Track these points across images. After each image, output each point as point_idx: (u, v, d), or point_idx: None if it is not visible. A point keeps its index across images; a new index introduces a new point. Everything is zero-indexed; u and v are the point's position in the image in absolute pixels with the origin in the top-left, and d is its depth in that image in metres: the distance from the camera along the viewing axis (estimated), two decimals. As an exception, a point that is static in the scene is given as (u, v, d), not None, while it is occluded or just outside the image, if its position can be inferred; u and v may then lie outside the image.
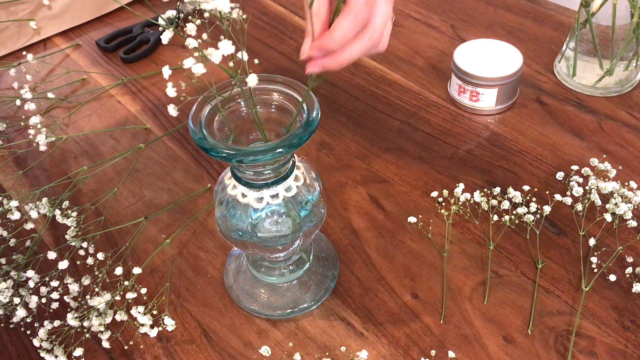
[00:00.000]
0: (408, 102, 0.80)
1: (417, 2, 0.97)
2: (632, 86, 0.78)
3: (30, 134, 0.77)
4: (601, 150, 0.71)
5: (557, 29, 0.89)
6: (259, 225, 0.51)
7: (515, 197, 0.65)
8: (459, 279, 0.60)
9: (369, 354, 0.54)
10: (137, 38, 0.93)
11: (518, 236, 0.63)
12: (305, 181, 0.51)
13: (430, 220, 0.65)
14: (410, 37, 0.90)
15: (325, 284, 0.60)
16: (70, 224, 0.67)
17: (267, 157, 0.43)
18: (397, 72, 0.84)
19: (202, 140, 0.44)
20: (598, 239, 0.61)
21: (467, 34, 0.90)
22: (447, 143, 0.74)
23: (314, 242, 0.62)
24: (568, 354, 0.53)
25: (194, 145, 0.76)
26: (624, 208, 0.61)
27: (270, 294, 0.59)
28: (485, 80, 0.73)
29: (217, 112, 0.46)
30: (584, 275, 0.59)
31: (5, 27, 0.92)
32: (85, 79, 0.89)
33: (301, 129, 0.45)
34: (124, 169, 0.74)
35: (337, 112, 0.79)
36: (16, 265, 0.64)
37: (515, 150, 0.72)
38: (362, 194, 0.68)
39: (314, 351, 0.55)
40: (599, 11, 0.72)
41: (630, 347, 0.54)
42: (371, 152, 0.73)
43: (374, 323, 0.57)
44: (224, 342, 0.57)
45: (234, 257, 0.63)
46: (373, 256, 0.62)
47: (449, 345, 0.55)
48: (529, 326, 0.56)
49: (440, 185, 0.68)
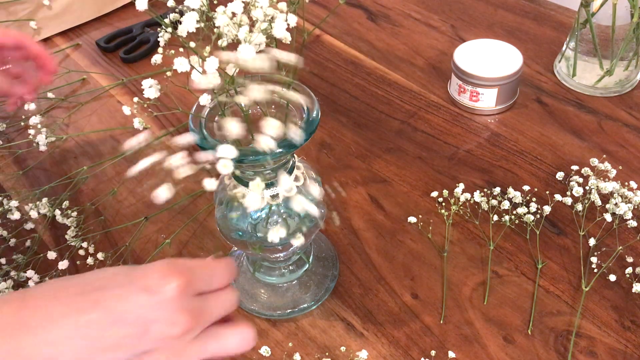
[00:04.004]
0: (408, 102, 0.80)
1: (417, 2, 0.97)
2: (632, 86, 0.78)
3: (30, 134, 0.77)
4: (601, 150, 0.71)
5: (557, 29, 0.89)
6: (259, 225, 0.51)
7: (515, 197, 0.65)
8: (459, 279, 0.60)
9: (369, 354, 0.54)
10: (137, 38, 0.93)
11: (518, 236, 0.63)
12: (306, 181, 0.51)
13: (430, 220, 0.65)
14: (410, 37, 0.90)
15: (325, 284, 0.60)
16: (70, 224, 0.67)
17: (267, 157, 0.43)
18: (397, 72, 0.84)
19: (202, 140, 0.44)
20: (598, 239, 0.61)
21: (467, 34, 0.90)
22: (447, 143, 0.74)
23: (314, 242, 0.62)
24: (568, 354, 0.53)
25: (193, 146, 0.76)
26: (624, 208, 0.61)
27: (270, 294, 0.59)
28: (485, 80, 0.73)
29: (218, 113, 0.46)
30: (584, 275, 0.59)
31: (6, 27, 0.92)
32: (85, 79, 0.89)
33: (301, 129, 0.45)
34: (124, 169, 0.74)
35: (337, 112, 0.79)
36: (16, 265, 0.64)
37: (515, 151, 0.72)
38: (362, 194, 0.68)
39: (314, 351, 0.55)
40: (599, 11, 0.72)
41: (630, 347, 0.54)
42: (371, 152, 0.73)
43: (374, 323, 0.57)
44: (224, 342, 0.57)
45: (234, 257, 0.63)
46: (373, 256, 0.62)
47: (449, 345, 0.55)
48: (529, 326, 0.56)
49: (440, 185, 0.68)
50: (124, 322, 0.35)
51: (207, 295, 0.38)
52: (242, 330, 0.39)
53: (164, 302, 0.36)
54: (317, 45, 0.90)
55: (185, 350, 0.37)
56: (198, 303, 0.37)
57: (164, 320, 0.36)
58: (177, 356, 0.37)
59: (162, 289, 0.36)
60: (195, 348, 0.38)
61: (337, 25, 0.94)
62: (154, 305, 0.36)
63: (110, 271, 0.37)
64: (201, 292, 0.38)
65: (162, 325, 0.36)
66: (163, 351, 0.36)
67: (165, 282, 0.36)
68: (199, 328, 0.37)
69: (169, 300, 0.36)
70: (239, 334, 0.39)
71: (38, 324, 0.34)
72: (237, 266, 0.62)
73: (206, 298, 0.38)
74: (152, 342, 0.36)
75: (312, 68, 0.86)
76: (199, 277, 0.38)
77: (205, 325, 0.38)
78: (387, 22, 0.94)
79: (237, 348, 0.39)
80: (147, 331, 0.35)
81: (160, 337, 0.36)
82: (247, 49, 0.39)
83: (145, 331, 0.35)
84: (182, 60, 0.40)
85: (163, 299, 0.36)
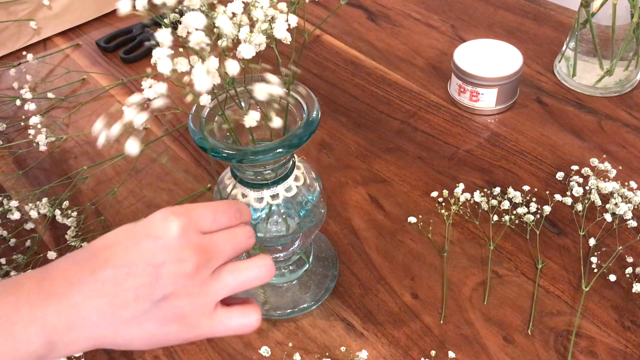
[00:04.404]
0: (408, 102, 0.80)
1: (417, 2, 0.97)
2: (632, 86, 0.78)
3: (30, 134, 0.77)
4: (601, 150, 0.71)
5: (557, 29, 0.89)
6: (259, 226, 0.51)
7: (515, 197, 0.65)
8: (459, 279, 0.60)
9: (369, 354, 0.54)
10: (137, 38, 0.93)
11: (518, 236, 0.63)
12: (305, 181, 0.51)
13: (430, 220, 0.65)
14: (410, 37, 0.90)
15: (325, 284, 0.60)
16: (70, 224, 0.67)
17: (267, 157, 0.43)
18: (397, 72, 0.84)
19: (202, 140, 0.44)
20: (598, 239, 0.61)
21: (467, 34, 0.90)
22: (447, 143, 0.74)
23: (314, 242, 0.62)
24: (568, 354, 0.53)
25: (194, 145, 0.76)
26: (624, 208, 0.61)
27: (270, 294, 0.59)
28: (485, 80, 0.73)
29: (218, 113, 0.46)
30: (584, 275, 0.59)
31: (5, 27, 0.92)
32: (85, 79, 0.89)
33: (301, 129, 0.45)
34: (124, 169, 0.74)
35: (337, 112, 0.79)
36: (16, 265, 0.64)
37: (515, 150, 0.72)
38: (362, 194, 0.68)
39: (314, 351, 0.55)
40: (599, 11, 0.72)
41: (630, 347, 0.54)
42: (371, 152, 0.73)
43: (374, 323, 0.57)
44: (224, 342, 0.57)
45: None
46: (373, 256, 0.62)
47: (449, 346, 0.55)
48: (529, 326, 0.56)
49: (440, 185, 0.68)
50: (134, 273, 0.35)
51: (215, 233, 0.39)
52: (260, 262, 0.40)
53: (168, 243, 0.36)
54: (317, 45, 0.90)
55: (204, 289, 0.37)
56: (205, 239, 0.38)
57: (172, 261, 0.36)
58: (197, 296, 0.37)
59: (165, 231, 0.36)
60: (215, 285, 0.38)
61: (337, 25, 0.94)
62: (160, 249, 0.36)
63: (117, 230, 0.38)
64: (207, 230, 0.38)
65: (172, 266, 0.36)
66: (182, 294, 0.36)
67: (165, 224, 0.37)
68: (211, 264, 0.37)
69: (173, 240, 0.36)
70: (257, 265, 0.39)
71: (59, 291, 0.35)
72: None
73: (214, 235, 0.38)
74: (167, 285, 0.36)
75: (312, 68, 0.86)
76: (201, 215, 0.38)
77: (218, 261, 0.38)
78: (387, 22, 0.94)
79: (258, 279, 0.39)
80: (159, 276, 0.36)
81: (174, 279, 0.36)
82: (247, 48, 0.39)
83: (157, 276, 0.36)
84: (182, 60, 0.40)
85: (167, 241, 0.36)
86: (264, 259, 0.40)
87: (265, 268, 0.40)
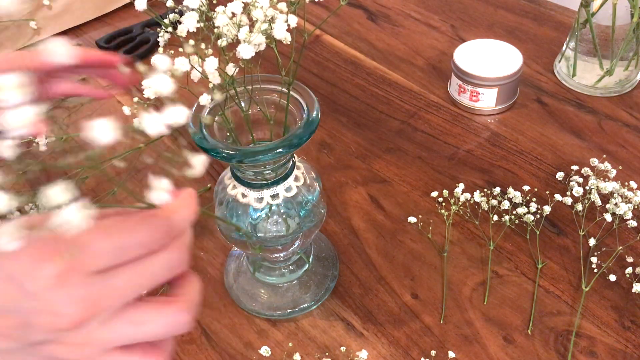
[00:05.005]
0: (408, 102, 0.80)
1: (417, 2, 0.97)
2: (632, 86, 0.78)
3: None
4: (601, 150, 0.71)
5: (557, 29, 0.89)
6: (259, 226, 0.51)
7: (515, 197, 0.65)
8: (459, 279, 0.60)
9: (369, 354, 0.54)
10: (137, 38, 0.93)
11: (518, 236, 0.63)
12: (305, 181, 0.51)
13: (430, 220, 0.65)
14: (410, 37, 0.90)
15: (325, 284, 0.60)
16: (70, 224, 0.67)
17: (267, 157, 0.43)
18: (397, 72, 0.84)
19: (202, 140, 0.44)
20: (598, 239, 0.61)
21: (467, 34, 0.90)
22: (447, 143, 0.74)
23: (314, 242, 0.62)
24: (568, 354, 0.53)
25: (194, 146, 0.76)
26: (624, 208, 0.61)
27: (270, 294, 0.59)
28: (485, 80, 0.73)
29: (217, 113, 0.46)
30: (584, 275, 0.59)
31: (5, 27, 0.92)
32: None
33: (301, 129, 0.45)
34: (124, 169, 0.74)
35: (337, 112, 0.79)
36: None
37: (515, 150, 0.72)
38: (362, 194, 0.68)
39: (314, 351, 0.55)
40: (599, 11, 0.72)
41: (630, 347, 0.54)
42: (371, 152, 0.73)
43: (374, 323, 0.57)
44: (224, 343, 0.57)
45: (234, 257, 0.63)
46: (373, 256, 0.62)
47: (449, 345, 0.55)
48: (529, 326, 0.56)
49: (440, 185, 0.68)
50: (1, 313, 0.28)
51: (116, 270, 0.29)
52: (173, 311, 0.31)
53: (37, 293, 0.28)
54: (317, 45, 0.90)
55: (89, 339, 0.29)
56: (94, 287, 0.28)
57: (44, 312, 0.28)
58: (80, 346, 0.29)
59: (32, 278, 0.27)
60: (106, 335, 0.29)
61: (337, 25, 0.94)
62: (26, 297, 0.28)
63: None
64: (104, 268, 0.29)
65: (45, 317, 0.28)
66: (61, 343, 0.29)
67: (33, 267, 0.27)
68: (101, 317, 0.29)
69: (41, 291, 0.28)
70: (167, 316, 0.31)
71: None
72: (237, 266, 0.62)
73: (113, 275, 0.29)
74: (41, 333, 0.29)
75: (312, 68, 0.86)
76: (96, 252, 0.28)
77: (112, 309, 0.29)
78: (387, 22, 0.94)
79: (166, 332, 0.31)
80: (29, 323, 0.28)
81: (47, 330, 0.29)
82: (246, 48, 0.39)
83: (26, 323, 0.28)
84: (182, 60, 0.40)
85: (35, 290, 0.27)
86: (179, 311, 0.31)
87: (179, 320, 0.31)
